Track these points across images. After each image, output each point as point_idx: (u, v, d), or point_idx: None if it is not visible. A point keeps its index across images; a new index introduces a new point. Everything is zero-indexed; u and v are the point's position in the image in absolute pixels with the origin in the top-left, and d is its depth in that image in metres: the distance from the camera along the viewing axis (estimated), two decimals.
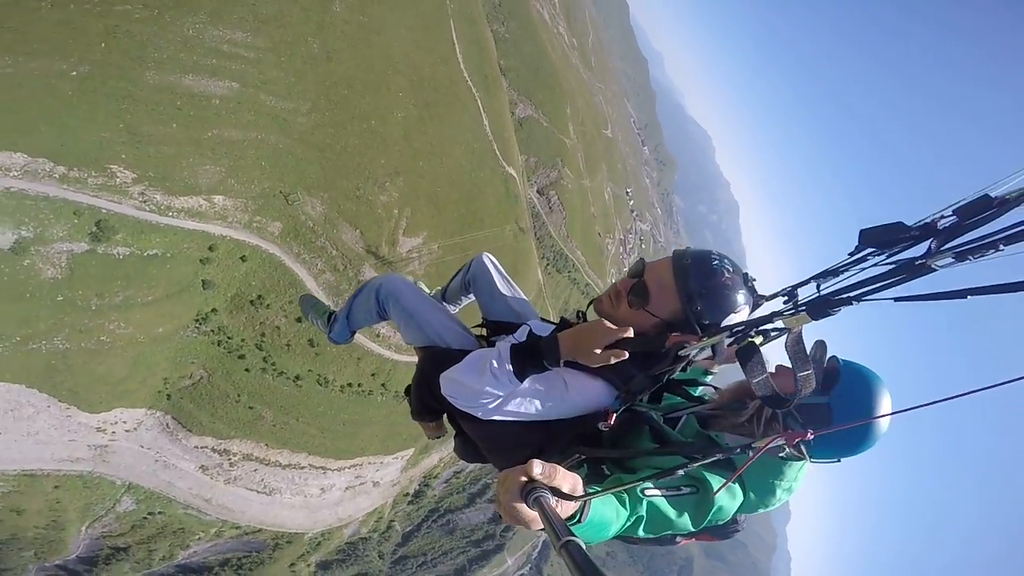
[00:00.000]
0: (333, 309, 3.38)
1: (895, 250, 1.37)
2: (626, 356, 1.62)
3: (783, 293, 1.72)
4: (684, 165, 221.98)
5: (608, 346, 1.64)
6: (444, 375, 1.94)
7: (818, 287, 1.53)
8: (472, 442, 2.35)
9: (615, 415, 1.82)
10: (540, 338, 1.83)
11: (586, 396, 1.87)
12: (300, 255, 26.76)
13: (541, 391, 1.85)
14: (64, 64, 19.40)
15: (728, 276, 1.81)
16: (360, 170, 29.09)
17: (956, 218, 1.24)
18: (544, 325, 2.40)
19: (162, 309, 22.69)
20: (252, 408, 27.78)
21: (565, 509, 1.12)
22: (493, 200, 39.58)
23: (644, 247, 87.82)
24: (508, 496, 1.06)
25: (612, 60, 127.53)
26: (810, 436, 1.28)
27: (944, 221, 1.27)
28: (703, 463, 1.40)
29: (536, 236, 49.69)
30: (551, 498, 1.05)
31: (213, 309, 24.67)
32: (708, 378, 2.41)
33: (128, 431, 24.33)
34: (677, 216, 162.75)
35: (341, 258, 28.16)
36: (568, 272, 55.44)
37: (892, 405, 1.65)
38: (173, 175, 22.03)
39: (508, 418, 1.89)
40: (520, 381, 1.78)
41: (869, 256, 1.45)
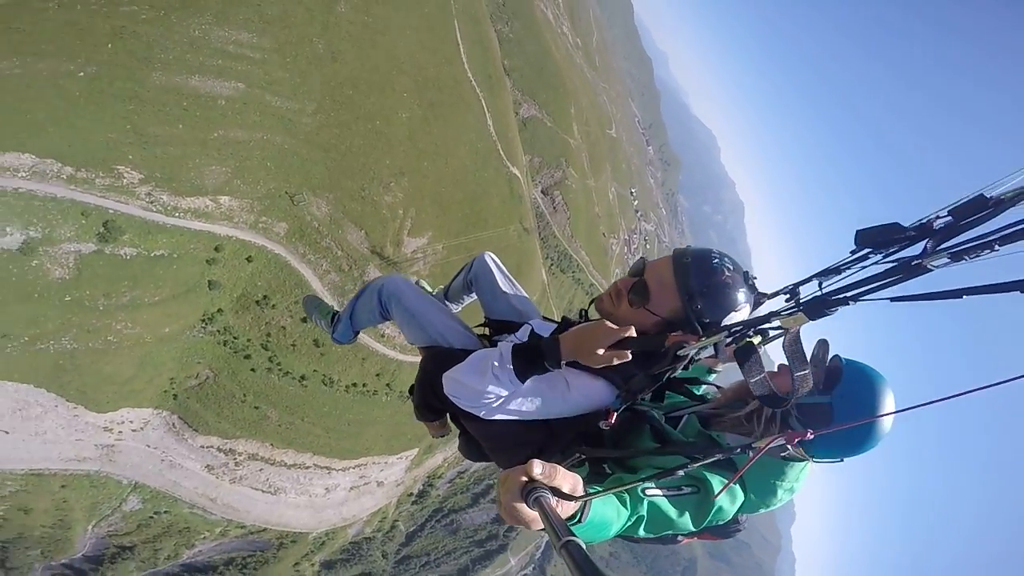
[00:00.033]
0: (337, 310, 3.39)
1: (892, 250, 1.39)
2: (629, 357, 1.62)
3: (785, 291, 1.72)
4: (689, 165, 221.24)
5: (610, 346, 1.64)
6: (446, 375, 1.95)
7: (820, 285, 1.54)
8: (475, 441, 2.36)
9: (616, 414, 1.82)
10: (541, 339, 1.83)
11: (588, 396, 1.87)
12: (305, 255, 26.83)
13: (543, 391, 1.86)
14: (71, 65, 19.49)
15: (728, 274, 1.81)
16: (365, 170, 29.13)
17: (952, 218, 1.26)
18: (546, 324, 2.40)
19: (169, 309, 22.79)
20: (258, 408, 27.86)
21: (565, 509, 1.12)
22: (497, 200, 39.54)
23: (648, 247, 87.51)
24: (508, 496, 1.07)
25: (616, 60, 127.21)
26: (810, 435, 1.27)
27: (940, 221, 1.28)
28: (704, 463, 1.38)
29: (540, 236, 49.61)
30: (551, 498, 1.05)
31: (219, 309, 24.77)
32: (712, 376, 2.41)
33: (135, 431, 24.47)
34: (682, 216, 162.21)
35: (346, 258, 28.21)
36: (572, 272, 55.34)
37: (895, 405, 1.63)
38: (180, 176, 22.12)
39: (510, 417, 1.89)
40: (522, 382, 1.78)
41: (870, 255, 1.45)
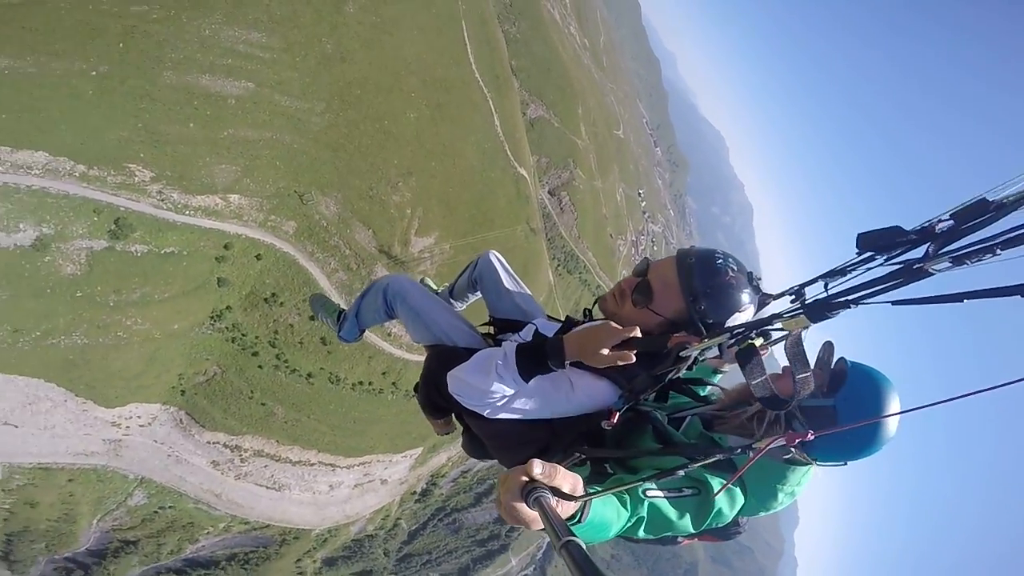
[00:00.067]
0: (343, 308, 3.42)
1: (893, 254, 1.39)
2: (633, 359, 1.63)
3: (790, 292, 1.71)
4: (697, 166, 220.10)
5: (614, 347, 1.65)
6: (451, 374, 1.96)
7: (826, 286, 1.53)
8: (479, 439, 2.37)
9: (618, 414, 1.82)
10: (546, 339, 1.84)
11: (591, 395, 1.88)
12: (314, 254, 26.96)
13: (547, 391, 1.86)
14: (84, 64, 19.67)
15: (732, 275, 1.81)
16: (373, 170, 29.22)
17: (954, 222, 1.25)
18: (550, 324, 2.40)
19: (178, 306, 22.98)
20: (264, 405, 28.04)
21: (565, 509, 1.12)
22: (504, 201, 39.54)
23: (656, 249, 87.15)
24: (508, 496, 1.06)
25: (624, 60, 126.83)
26: (811, 436, 1.27)
27: (942, 225, 1.27)
28: (704, 464, 1.38)
29: (547, 237, 49.54)
30: (551, 498, 1.05)
31: (228, 306, 24.95)
32: (717, 377, 2.39)
33: (142, 426, 24.69)
34: (690, 218, 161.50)
35: (354, 257, 28.33)
36: (579, 273, 55.20)
37: (900, 408, 1.61)
38: (190, 174, 22.30)
39: (514, 416, 1.90)
40: (526, 381, 1.79)
41: (875, 258, 1.45)
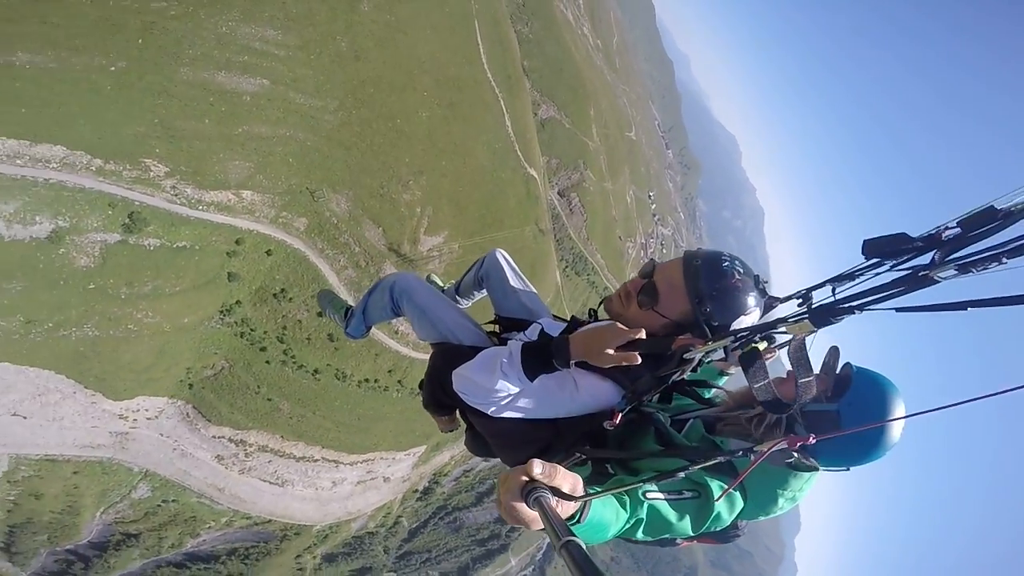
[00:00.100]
0: (350, 304, 3.45)
1: (899, 261, 1.39)
2: (638, 360, 1.63)
3: (797, 296, 1.71)
4: (709, 169, 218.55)
5: (619, 348, 1.66)
6: (456, 372, 1.97)
7: (833, 291, 1.54)
8: (482, 437, 2.38)
9: (620, 415, 1.84)
10: (551, 339, 1.85)
11: (595, 396, 1.88)
12: (324, 251, 27.09)
13: (552, 390, 1.87)
14: (104, 60, 19.89)
15: (739, 278, 1.81)
16: (385, 168, 29.32)
17: (960, 230, 1.25)
18: (556, 323, 2.42)
19: (188, 300, 23.18)
20: (270, 400, 28.22)
21: (565, 509, 1.13)
22: (514, 201, 39.53)
23: (665, 251, 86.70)
24: (508, 496, 1.07)
25: (637, 62, 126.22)
26: (812, 440, 1.26)
27: (949, 232, 1.27)
28: (704, 466, 1.38)
29: (556, 238, 49.44)
30: (551, 498, 1.06)
31: (237, 301, 25.13)
32: (723, 380, 2.39)
33: (149, 419, 24.90)
34: (700, 221, 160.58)
35: (364, 255, 28.44)
36: (587, 275, 55.06)
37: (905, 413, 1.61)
38: (204, 170, 22.49)
39: (518, 415, 1.91)
40: (531, 380, 1.80)
41: (883, 263, 1.45)
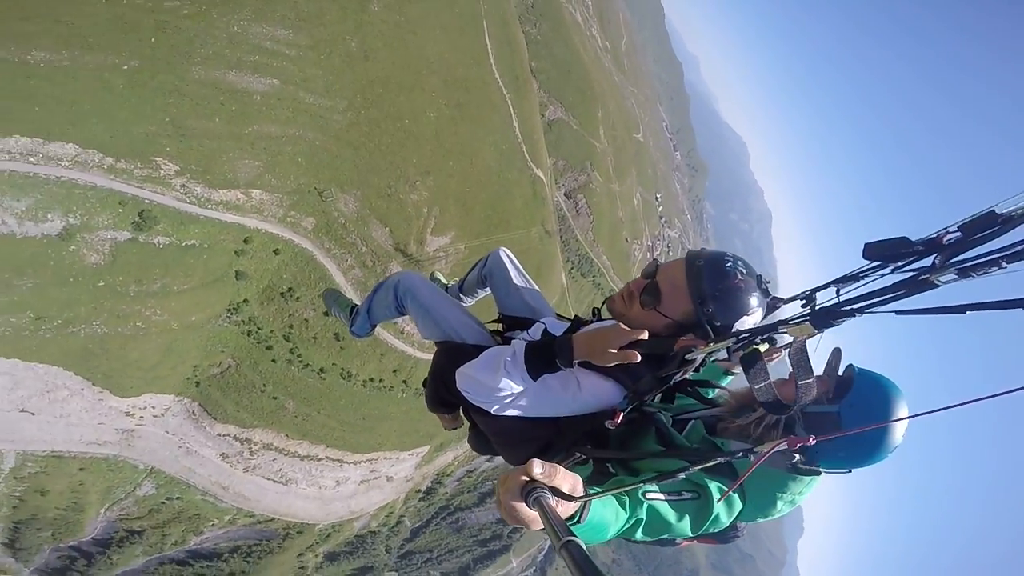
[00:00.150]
0: (355, 303, 3.48)
1: (899, 265, 1.40)
2: (639, 359, 1.64)
3: (801, 297, 1.70)
4: (717, 171, 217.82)
5: (622, 347, 1.67)
6: (460, 371, 1.98)
7: (837, 292, 1.54)
8: (485, 436, 2.40)
9: (622, 414, 1.85)
10: (555, 338, 1.86)
11: (597, 395, 1.90)
12: (331, 250, 27.18)
13: (554, 389, 1.87)
14: (116, 58, 20.00)
15: (741, 278, 1.80)
16: (392, 168, 29.37)
17: (961, 234, 1.26)
18: (559, 323, 2.42)
19: (196, 298, 23.29)
20: (276, 398, 28.33)
21: (565, 509, 1.13)
22: (520, 202, 39.52)
23: (671, 254, 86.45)
24: (508, 496, 1.07)
25: (646, 63, 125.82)
26: (812, 441, 1.26)
27: (949, 236, 1.28)
28: (704, 467, 1.37)
29: (562, 239, 49.40)
30: (551, 498, 1.06)
31: (245, 300, 25.24)
32: (727, 380, 2.39)
33: (155, 416, 25.03)
34: (707, 223, 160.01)
35: (370, 255, 28.50)
36: (593, 277, 54.96)
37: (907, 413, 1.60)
38: (214, 168, 22.59)
39: (520, 414, 1.91)
40: (534, 379, 1.81)
41: (884, 266, 1.46)
